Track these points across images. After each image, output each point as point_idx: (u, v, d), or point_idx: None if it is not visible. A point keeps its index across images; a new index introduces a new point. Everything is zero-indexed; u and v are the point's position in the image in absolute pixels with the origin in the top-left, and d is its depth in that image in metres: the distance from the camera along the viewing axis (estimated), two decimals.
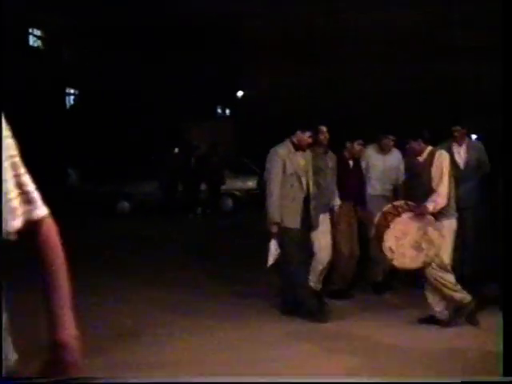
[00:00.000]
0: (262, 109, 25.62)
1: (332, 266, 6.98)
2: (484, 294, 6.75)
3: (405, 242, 5.80)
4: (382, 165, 7.42)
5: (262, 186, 6.52)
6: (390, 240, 5.81)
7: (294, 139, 6.40)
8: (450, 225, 5.96)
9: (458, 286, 5.96)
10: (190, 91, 25.64)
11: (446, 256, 5.92)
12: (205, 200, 16.96)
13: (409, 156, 6.47)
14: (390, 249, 5.82)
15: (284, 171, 6.29)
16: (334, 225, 6.98)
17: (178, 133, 24.12)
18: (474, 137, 10.66)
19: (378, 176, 7.39)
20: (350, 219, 7.15)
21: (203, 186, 16.85)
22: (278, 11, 24.06)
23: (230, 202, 17.44)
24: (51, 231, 1.72)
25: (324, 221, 6.83)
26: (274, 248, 6.33)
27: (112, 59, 25.02)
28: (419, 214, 5.82)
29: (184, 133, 24.54)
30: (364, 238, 7.23)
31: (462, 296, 5.95)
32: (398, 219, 5.85)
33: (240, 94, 29.58)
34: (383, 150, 7.44)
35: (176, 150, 18.34)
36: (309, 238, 6.63)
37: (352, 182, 7.14)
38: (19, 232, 1.66)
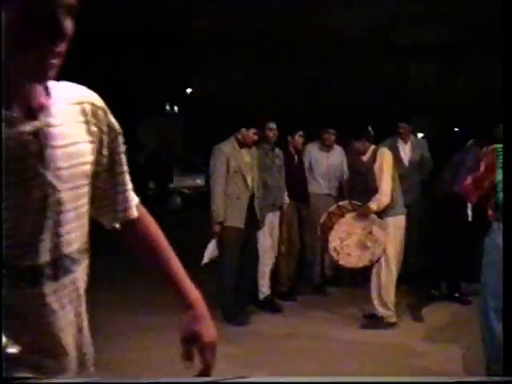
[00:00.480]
0: (211, 106, 25.52)
1: (276, 267, 6.88)
2: (429, 292, 6.83)
3: (350, 242, 5.81)
4: (325, 162, 7.30)
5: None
6: (334, 241, 5.82)
7: (239, 136, 6.24)
8: (395, 222, 5.91)
9: (390, 304, 5.94)
10: (139, 88, 25.35)
11: (393, 253, 5.91)
12: (153, 198, 16.81)
13: (352, 154, 6.45)
14: (335, 249, 5.83)
15: (228, 169, 6.12)
16: (280, 224, 6.84)
17: (128, 130, 23.78)
18: (420, 135, 10.76)
19: (323, 174, 7.27)
20: (291, 218, 7.03)
21: (151, 184, 16.70)
22: (227, 10, 24.00)
23: (178, 200, 17.30)
24: (148, 215, 1.86)
25: (272, 221, 6.70)
26: (212, 247, 6.20)
27: None
28: (362, 214, 5.83)
29: (133, 130, 24.24)
30: (306, 238, 7.16)
31: (388, 314, 5.93)
32: (341, 220, 5.85)
33: (189, 91, 29.37)
34: (325, 146, 7.30)
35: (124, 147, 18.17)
36: (252, 239, 6.39)
37: (296, 179, 7.00)
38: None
